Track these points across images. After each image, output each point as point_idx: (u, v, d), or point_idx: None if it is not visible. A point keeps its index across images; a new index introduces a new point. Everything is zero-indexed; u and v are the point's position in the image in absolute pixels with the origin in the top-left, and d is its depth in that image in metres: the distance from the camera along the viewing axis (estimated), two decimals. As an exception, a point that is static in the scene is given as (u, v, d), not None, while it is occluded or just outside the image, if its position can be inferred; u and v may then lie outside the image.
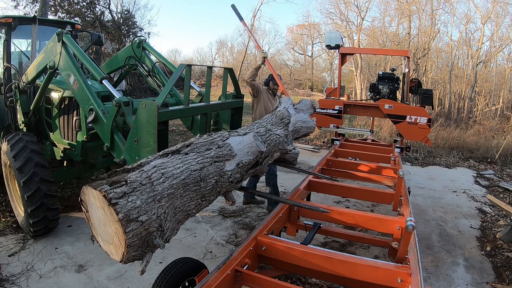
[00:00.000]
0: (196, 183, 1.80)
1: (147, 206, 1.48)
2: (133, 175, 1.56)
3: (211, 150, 2.01)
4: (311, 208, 2.64)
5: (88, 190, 1.45)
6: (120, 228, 1.37)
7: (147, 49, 4.13)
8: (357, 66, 20.70)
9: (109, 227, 1.43)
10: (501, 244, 4.15)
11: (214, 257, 3.56)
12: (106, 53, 15.89)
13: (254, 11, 31.82)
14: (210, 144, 2.05)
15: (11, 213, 4.14)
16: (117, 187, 1.42)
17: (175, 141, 8.80)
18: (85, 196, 1.50)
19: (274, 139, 2.76)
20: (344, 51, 6.32)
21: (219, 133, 2.26)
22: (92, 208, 1.49)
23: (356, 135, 8.64)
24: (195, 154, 1.92)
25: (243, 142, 2.27)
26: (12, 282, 3.02)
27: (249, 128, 2.67)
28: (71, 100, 3.72)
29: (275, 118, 3.13)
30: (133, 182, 1.49)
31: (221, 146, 2.10)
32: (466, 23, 18.92)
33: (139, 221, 1.42)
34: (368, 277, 2.02)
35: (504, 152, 8.79)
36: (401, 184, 3.34)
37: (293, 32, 36.67)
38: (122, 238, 1.39)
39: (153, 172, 1.62)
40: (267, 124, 2.91)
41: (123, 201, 1.39)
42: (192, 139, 2.07)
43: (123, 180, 1.48)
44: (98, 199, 1.41)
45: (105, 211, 1.41)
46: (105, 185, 1.41)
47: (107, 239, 1.48)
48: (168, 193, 1.61)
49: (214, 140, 2.12)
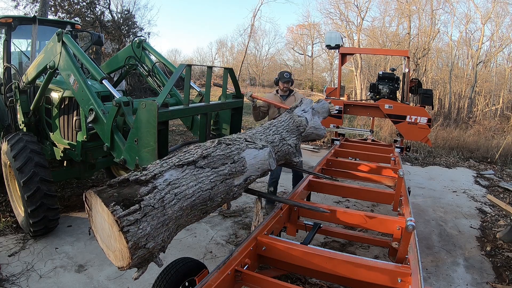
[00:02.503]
0: (204, 203, 1.78)
1: (155, 232, 1.45)
2: (146, 193, 1.47)
3: (225, 166, 1.97)
4: (311, 208, 2.64)
5: (97, 201, 1.38)
6: (127, 253, 1.35)
7: (147, 49, 4.13)
8: (357, 66, 20.70)
9: (113, 241, 1.39)
10: (501, 244, 4.15)
11: (214, 257, 3.56)
12: (106, 53, 15.88)
13: (254, 11, 31.79)
14: (226, 158, 2.00)
15: (11, 213, 4.13)
16: (130, 213, 1.36)
17: (175, 141, 8.80)
18: (91, 199, 1.44)
19: (285, 149, 2.78)
20: (344, 51, 6.32)
21: (237, 142, 2.20)
22: (97, 215, 1.44)
23: (356, 135, 8.64)
24: (210, 170, 1.86)
25: (257, 157, 2.24)
26: (12, 282, 3.02)
27: (266, 135, 2.64)
28: (71, 100, 3.72)
29: (292, 124, 3.10)
30: (146, 206, 1.43)
31: (236, 161, 2.06)
32: (466, 23, 18.93)
33: (146, 248, 1.41)
34: (368, 277, 2.02)
35: (504, 152, 8.79)
36: (401, 184, 3.34)
37: (293, 32, 36.66)
38: (126, 258, 1.38)
39: (167, 193, 1.55)
40: (283, 131, 2.89)
41: (134, 228, 1.35)
42: (210, 148, 1.98)
43: (135, 199, 1.41)
44: (107, 216, 1.35)
45: (113, 230, 1.36)
46: (118, 206, 1.33)
47: (109, 247, 1.45)
48: (177, 215, 1.59)
49: (231, 153, 2.06)
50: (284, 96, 4.62)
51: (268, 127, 2.87)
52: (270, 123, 3.02)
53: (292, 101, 4.57)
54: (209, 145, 2.04)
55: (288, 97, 4.62)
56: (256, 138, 2.46)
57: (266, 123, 3.09)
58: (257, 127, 2.90)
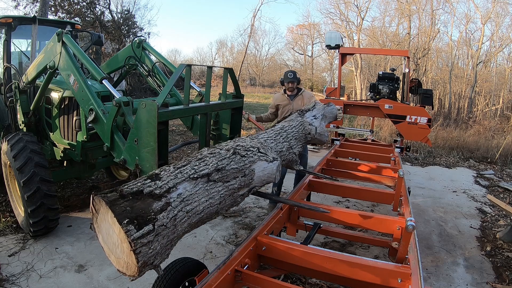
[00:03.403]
0: (210, 217, 1.80)
1: (163, 250, 1.46)
2: (160, 209, 1.45)
3: (236, 179, 1.98)
4: (311, 208, 2.64)
5: (108, 212, 1.33)
6: (134, 268, 1.35)
7: (147, 49, 4.13)
8: (357, 66, 20.69)
9: (120, 252, 1.37)
10: (501, 244, 4.15)
11: (214, 257, 3.56)
12: (106, 53, 15.87)
13: (254, 11, 31.80)
14: (238, 172, 2.00)
15: (11, 213, 4.13)
16: (144, 235, 1.33)
17: (175, 141, 8.80)
18: (99, 206, 1.40)
19: (290, 158, 2.82)
20: (344, 51, 6.33)
21: (251, 153, 2.19)
22: (104, 222, 1.40)
23: (356, 135, 8.65)
24: (222, 185, 1.86)
25: (266, 170, 2.24)
26: (12, 282, 3.02)
27: (276, 142, 2.66)
28: (71, 100, 3.72)
29: (302, 131, 3.11)
30: (160, 226, 1.42)
31: (247, 174, 2.07)
32: (466, 23, 18.92)
33: (153, 264, 1.43)
34: (368, 277, 2.02)
35: (504, 152, 8.78)
36: (401, 184, 3.34)
37: (293, 32, 36.64)
38: (131, 271, 1.38)
39: (179, 210, 1.55)
40: (292, 138, 2.91)
41: (146, 249, 1.34)
42: (225, 160, 1.96)
43: (149, 218, 1.38)
44: (119, 231, 1.32)
45: (123, 246, 1.33)
46: (132, 226, 1.30)
47: (112, 251, 1.43)
48: (185, 231, 1.59)
49: (244, 166, 2.06)
50: (292, 95, 4.60)
51: (279, 133, 2.86)
52: (281, 127, 3.00)
53: (300, 100, 4.57)
54: (224, 154, 2.01)
55: (296, 96, 4.59)
56: (268, 148, 2.45)
57: (277, 126, 3.08)
58: (269, 131, 2.89)
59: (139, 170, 2.51)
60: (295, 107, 4.49)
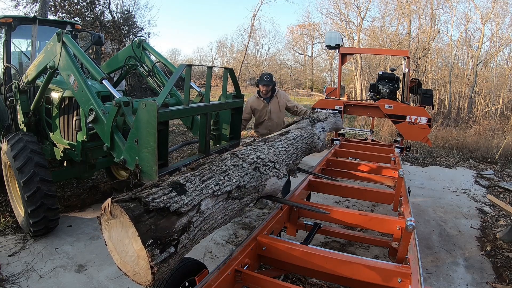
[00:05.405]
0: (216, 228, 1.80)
1: (175, 263, 1.45)
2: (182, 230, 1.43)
3: (250, 196, 1.97)
4: (311, 209, 2.64)
5: (130, 226, 1.26)
6: (146, 279, 1.34)
7: (147, 49, 4.13)
8: (357, 66, 20.70)
9: (133, 263, 1.33)
10: (501, 244, 4.15)
11: (214, 257, 3.56)
12: (106, 53, 15.87)
13: (254, 11, 31.81)
14: (254, 189, 2.00)
15: (11, 213, 4.14)
16: (166, 259, 1.32)
17: (175, 141, 8.80)
18: (118, 214, 1.31)
19: (290, 168, 2.82)
20: (344, 51, 6.32)
21: (268, 168, 2.18)
22: (119, 230, 1.34)
23: (356, 135, 8.65)
24: (238, 202, 1.85)
25: (274, 185, 2.25)
26: (12, 282, 3.02)
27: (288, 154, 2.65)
28: (71, 100, 3.72)
29: (310, 143, 3.10)
30: (181, 247, 1.41)
31: (260, 190, 2.07)
32: (466, 23, 18.95)
33: (163, 276, 1.42)
34: (368, 277, 2.02)
35: (504, 152, 8.78)
36: (401, 184, 3.34)
37: (293, 32, 36.71)
38: (141, 280, 1.37)
39: (199, 230, 1.52)
40: (299, 151, 2.92)
41: (163, 269, 1.34)
42: (246, 176, 1.94)
43: (172, 239, 1.36)
44: (140, 249, 1.27)
45: (139, 261, 1.29)
46: (157, 250, 1.27)
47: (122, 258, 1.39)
48: (193, 246, 1.58)
49: (261, 184, 2.06)
50: (267, 98, 4.64)
51: (292, 143, 2.84)
52: (294, 137, 2.95)
53: (276, 102, 4.62)
54: (246, 168, 1.98)
55: (271, 98, 4.64)
56: (282, 163, 2.44)
57: (291, 134, 2.97)
58: (283, 139, 2.77)
59: (139, 170, 2.51)
60: (272, 109, 4.60)
